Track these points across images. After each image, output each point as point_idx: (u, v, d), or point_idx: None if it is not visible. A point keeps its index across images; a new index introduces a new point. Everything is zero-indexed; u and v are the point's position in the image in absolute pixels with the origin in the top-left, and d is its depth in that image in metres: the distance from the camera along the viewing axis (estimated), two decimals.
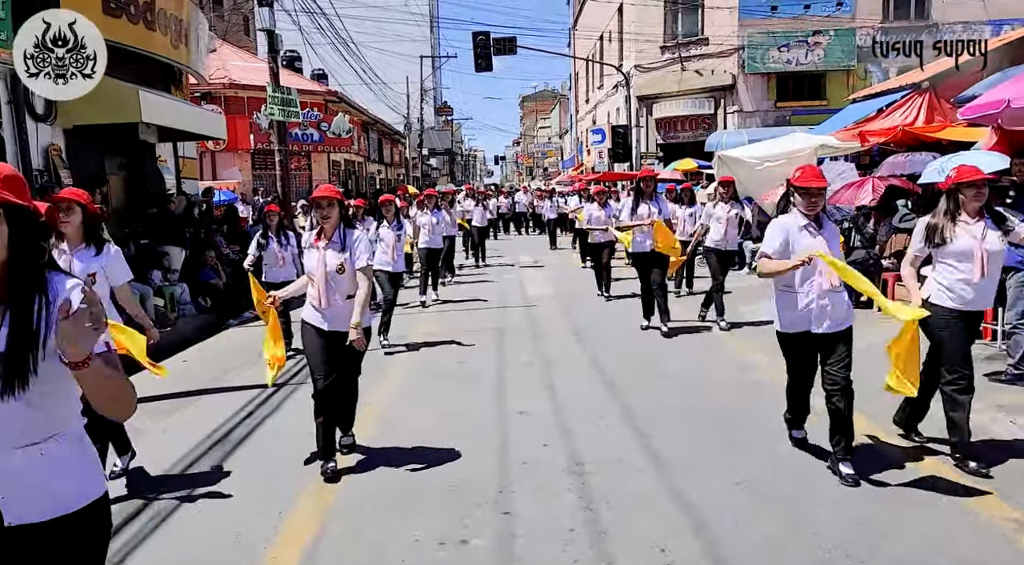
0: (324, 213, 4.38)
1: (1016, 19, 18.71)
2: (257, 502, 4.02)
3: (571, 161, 42.48)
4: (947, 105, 10.83)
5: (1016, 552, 3.26)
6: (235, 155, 22.14)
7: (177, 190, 12.60)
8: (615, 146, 25.65)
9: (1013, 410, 5.11)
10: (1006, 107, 6.08)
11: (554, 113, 70.95)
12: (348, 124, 25.50)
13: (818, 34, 21.90)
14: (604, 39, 30.59)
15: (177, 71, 12.11)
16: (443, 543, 3.51)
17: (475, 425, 5.24)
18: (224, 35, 23.59)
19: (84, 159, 9.90)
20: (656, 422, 5.15)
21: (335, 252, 4.35)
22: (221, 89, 21.29)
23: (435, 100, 51.19)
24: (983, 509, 3.66)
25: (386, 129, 36.49)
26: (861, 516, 3.62)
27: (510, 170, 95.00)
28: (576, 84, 40.77)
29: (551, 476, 4.28)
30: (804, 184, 4.07)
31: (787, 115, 22.28)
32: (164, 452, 4.88)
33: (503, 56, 23.09)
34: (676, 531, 3.54)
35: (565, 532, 3.57)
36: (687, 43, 23.96)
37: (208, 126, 12.21)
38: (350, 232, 4.44)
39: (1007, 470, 4.12)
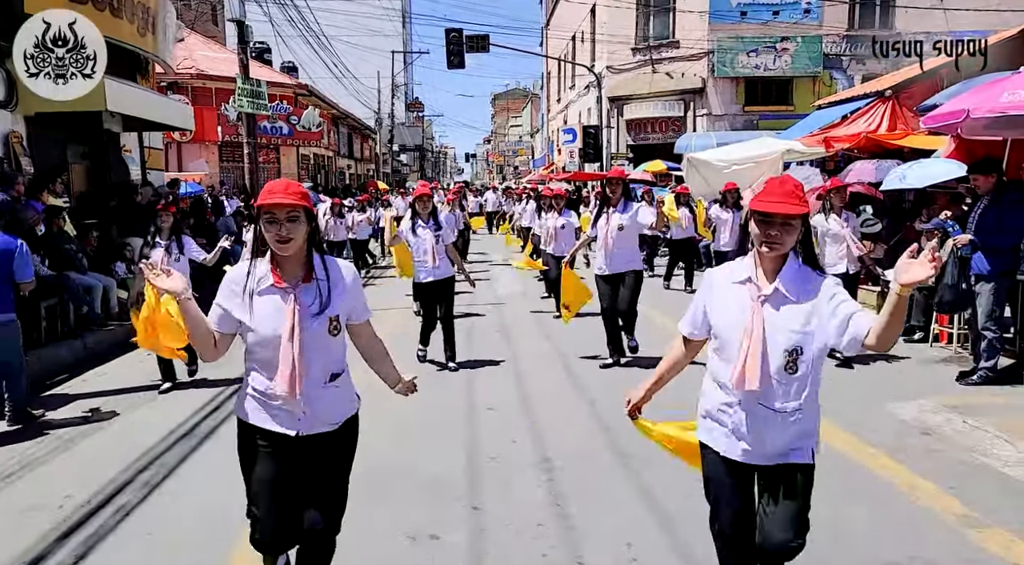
0: (284, 233, 2.37)
1: (973, 31, 19.21)
2: (223, 497, 3.98)
3: (542, 160, 42.61)
4: (909, 113, 11.13)
5: (968, 546, 3.38)
6: (202, 147, 21.79)
7: (142, 181, 12.38)
8: (586, 146, 25.83)
9: (967, 411, 5.29)
10: (966, 117, 6.25)
11: (526, 112, 71.10)
12: (318, 118, 25.26)
13: (786, 40, 22.29)
14: (576, 39, 30.75)
15: (143, 60, 11.90)
16: (413, 538, 3.53)
17: (444, 420, 5.26)
18: (192, 24, 23.18)
19: (46, 147, 9.70)
20: (624, 418, 5.20)
21: (311, 301, 2.46)
22: (188, 79, 20.95)
23: (407, 96, 50.92)
24: (935, 505, 3.79)
25: (357, 124, 36.23)
26: (817, 514, 3.72)
27: (481, 168, 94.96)
28: (548, 83, 40.90)
29: (520, 471, 4.32)
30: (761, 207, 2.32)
31: (755, 119, 22.65)
32: (130, 445, 4.81)
33: (476, 54, 23.09)
34: (642, 526, 3.61)
35: (534, 527, 3.62)
36: (658, 46, 24.21)
37: (174, 116, 12.03)
38: (334, 263, 2.56)
39: (955, 467, 4.27)
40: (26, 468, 4.56)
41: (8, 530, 3.69)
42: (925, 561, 3.24)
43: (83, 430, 5.27)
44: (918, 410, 5.27)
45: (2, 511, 3.95)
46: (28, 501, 4.04)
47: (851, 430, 4.86)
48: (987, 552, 3.31)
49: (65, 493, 4.10)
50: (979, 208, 6.06)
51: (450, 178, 78.96)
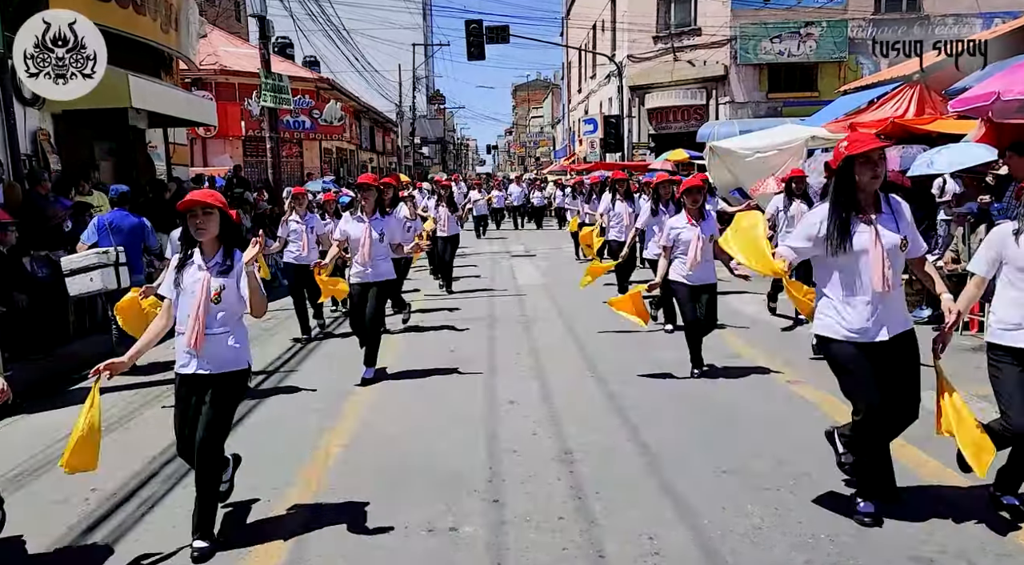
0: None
1: (1006, 12, 18.74)
2: (244, 492, 4.02)
3: (563, 151, 42.43)
4: (937, 97, 10.87)
5: (998, 540, 3.30)
6: (226, 142, 22.00)
7: (168, 176, 12.52)
8: (607, 136, 25.63)
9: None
10: (996, 100, 6.11)
11: (547, 102, 70.72)
12: (340, 111, 25.39)
13: (810, 25, 21.93)
14: (597, 28, 30.51)
15: (167, 56, 12.02)
16: (432, 530, 3.52)
17: (465, 413, 5.26)
18: (215, 20, 23.37)
19: (73, 144, 9.83)
20: (645, 411, 5.18)
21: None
22: (211, 75, 21.14)
23: (427, 88, 50.97)
24: (964, 499, 3.71)
25: (378, 117, 36.34)
26: (845, 504, 3.67)
27: (502, 160, 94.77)
28: (568, 73, 40.66)
29: (540, 465, 4.30)
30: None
31: (779, 106, 22.34)
32: (155, 437, 4.87)
33: (496, 45, 23.02)
34: (664, 519, 3.57)
35: (554, 520, 3.60)
36: (680, 33, 23.94)
37: (198, 112, 12.14)
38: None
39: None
40: (52, 462, 4.63)
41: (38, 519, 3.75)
42: (954, 554, 3.17)
43: (108, 423, 5.33)
44: None
45: (30, 503, 4.01)
46: (52, 495, 4.10)
47: None
48: (1020, 546, 3.24)
49: (91, 486, 4.16)
50: (1011, 191, 5.88)
51: (471, 170, 78.88)
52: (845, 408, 5.05)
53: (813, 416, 4.94)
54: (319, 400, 5.70)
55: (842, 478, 3.89)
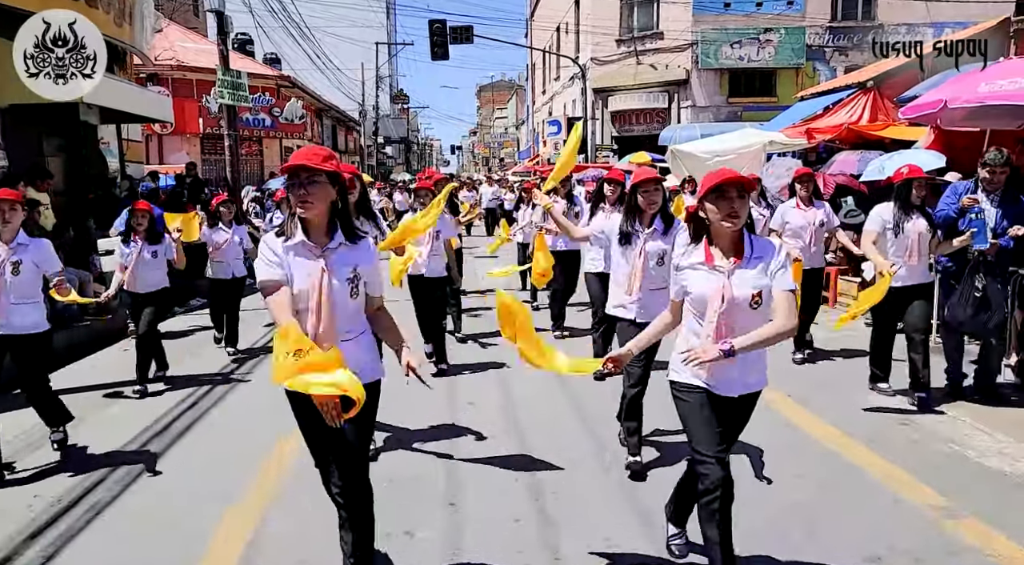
0: None
1: (956, 22, 19.34)
2: (198, 495, 3.93)
3: (527, 152, 42.51)
4: (890, 104, 11.16)
5: (944, 537, 3.39)
6: (183, 139, 21.58)
7: (121, 174, 12.22)
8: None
9: (945, 402, 5.31)
10: (943, 108, 6.27)
11: (511, 103, 70.91)
12: (301, 110, 25.07)
13: (769, 32, 22.33)
14: (561, 31, 30.66)
15: (120, 50, 11.71)
16: (388, 534, 3.48)
17: (423, 416, 5.22)
18: (171, 15, 22.88)
19: (20, 139, 9.52)
20: (603, 414, 5.19)
21: None
22: (168, 71, 20.68)
23: (391, 88, 50.61)
24: (913, 496, 3.80)
25: (341, 116, 35.94)
26: (793, 501, 3.73)
27: (467, 160, 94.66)
28: (533, 75, 40.79)
29: (498, 467, 4.29)
30: None
31: (739, 111, 22.69)
32: (103, 442, 4.74)
33: (460, 45, 22.95)
34: (621, 521, 3.59)
35: (511, 522, 3.59)
36: (642, 37, 24.18)
37: (153, 108, 11.87)
38: None
39: (933, 458, 4.29)
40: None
41: None
42: (902, 552, 3.24)
43: None
44: (898, 402, 5.29)
45: None
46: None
47: (832, 422, 4.87)
48: (963, 543, 3.32)
49: (34, 493, 4.03)
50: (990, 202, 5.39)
51: (435, 170, 78.52)
52: (807, 414, 5.16)
53: (776, 420, 5.01)
54: (271, 405, 5.59)
55: (776, 477, 3.95)
